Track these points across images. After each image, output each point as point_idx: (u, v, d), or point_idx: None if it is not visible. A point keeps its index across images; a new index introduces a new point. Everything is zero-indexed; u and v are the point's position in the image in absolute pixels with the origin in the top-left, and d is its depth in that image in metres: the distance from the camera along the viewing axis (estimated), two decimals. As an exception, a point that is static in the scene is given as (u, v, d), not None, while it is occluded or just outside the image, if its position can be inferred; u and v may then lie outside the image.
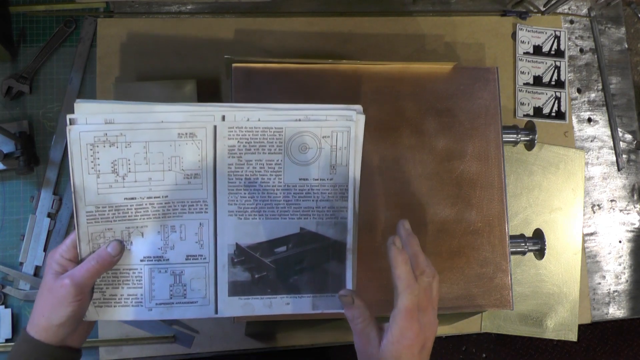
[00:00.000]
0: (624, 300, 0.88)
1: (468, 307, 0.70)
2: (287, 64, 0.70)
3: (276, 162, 0.58)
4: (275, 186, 0.59)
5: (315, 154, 0.58)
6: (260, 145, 0.57)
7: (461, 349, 1.50)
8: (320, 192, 0.59)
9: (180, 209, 0.57)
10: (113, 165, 0.55)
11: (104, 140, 0.54)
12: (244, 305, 0.60)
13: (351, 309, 0.55)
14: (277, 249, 0.60)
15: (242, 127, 0.56)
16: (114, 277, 0.57)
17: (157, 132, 0.55)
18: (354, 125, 0.58)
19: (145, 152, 0.55)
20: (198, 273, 0.59)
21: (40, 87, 0.80)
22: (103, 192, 0.55)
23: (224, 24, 0.84)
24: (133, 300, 0.58)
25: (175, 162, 0.56)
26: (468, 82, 0.73)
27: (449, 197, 0.71)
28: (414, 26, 0.87)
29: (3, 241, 0.77)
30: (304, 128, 0.57)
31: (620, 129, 0.92)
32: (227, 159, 0.57)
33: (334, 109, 0.58)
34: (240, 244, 0.59)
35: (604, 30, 0.95)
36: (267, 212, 0.59)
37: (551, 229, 0.85)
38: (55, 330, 0.54)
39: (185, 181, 0.57)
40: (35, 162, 0.78)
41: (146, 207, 0.57)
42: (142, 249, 0.57)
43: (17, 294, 0.75)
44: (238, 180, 0.58)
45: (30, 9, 0.82)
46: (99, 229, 0.56)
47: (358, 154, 0.59)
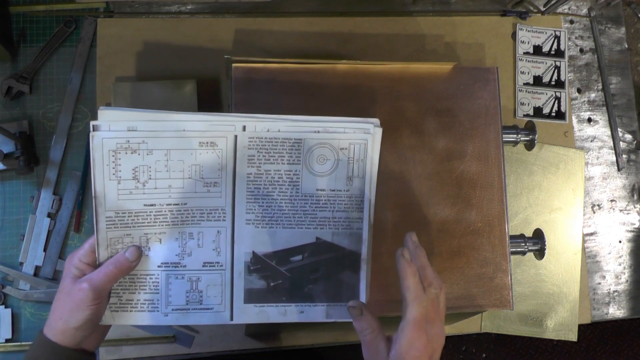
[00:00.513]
0: (624, 300, 0.88)
1: (468, 307, 0.70)
2: (287, 64, 0.70)
3: (294, 173, 0.59)
4: (293, 196, 0.59)
5: (332, 165, 0.59)
6: (280, 156, 0.58)
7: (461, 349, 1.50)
8: (337, 203, 0.60)
9: (198, 217, 0.58)
10: (134, 172, 0.56)
11: (126, 147, 0.55)
12: (259, 313, 0.60)
13: (360, 321, 0.56)
14: (293, 258, 0.60)
15: (262, 137, 0.57)
16: (131, 282, 0.58)
17: (178, 141, 0.56)
18: (371, 138, 0.59)
19: (167, 160, 0.56)
20: (214, 280, 0.59)
21: (40, 87, 0.80)
22: (123, 198, 0.56)
23: (224, 24, 0.84)
24: (149, 306, 0.59)
25: (196, 170, 0.57)
26: (468, 82, 0.73)
27: (449, 197, 0.71)
28: (414, 26, 0.87)
29: (3, 241, 0.77)
30: (323, 139, 0.59)
31: (620, 129, 0.92)
32: (247, 169, 0.58)
33: (352, 122, 0.59)
34: (257, 252, 0.60)
35: (604, 30, 0.95)
36: (284, 222, 0.60)
37: (551, 229, 0.85)
38: (72, 333, 0.54)
39: (205, 189, 0.58)
40: (35, 162, 0.78)
41: (165, 213, 0.57)
42: (160, 255, 0.58)
43: (17, 294, 0.75)
44: (256, 190, 0.59)
45: (30, 9, 0.82)
46: (118, 234, 0.57)
47: (374, 167, 0.60)
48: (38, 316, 0.75)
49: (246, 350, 0.78)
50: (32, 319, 0.75)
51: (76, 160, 0.79)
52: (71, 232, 0.78)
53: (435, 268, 0.70)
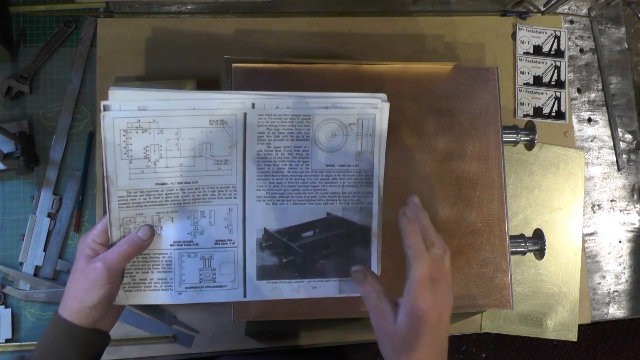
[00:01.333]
0: (624, 300, 0.88)
1: (468, 307, 0.70)
2: (287, 64, 0.71)
3: (304, 149, 0.59)
4: (303, 172, 0.60)
5: (341, 140, 0.60)
6: (289, 132, 0.59)
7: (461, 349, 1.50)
8: (347, 178, 0.61)
9: (210, 195, 0.58)
10: (145, 151, 0.56)
11: (137, 126, 0.55)
12: (273, 290, 0.61)
13: (364, 285, 0.56)
14: (304, 234, 0.61)
15: (271, 114, 0.58)
16: (144, 261, 0.58)
17: (188, 119, 0.56)
18: (379, 112, 0.59)
19: (177, 139, 0.56)
20: (227, 257, 0.60)
21: (40, 87, 0.80)
22: (135, 178, 0.56)
23: (224, 24, 0.84)
24: (163, 284, 0.59)
25: (206, 148, 0.57)
26: (468, 82, 0.73)
27: (449, 197, 0.71)
28: (414, 26, 0.87)
29: (3, 241, 0.77)
30: (332, 115, 0.59)
31: (620, 129, 0.92)
32: (257, 146, 0.58)
33: (360, 97, 0.59)
34: (268, 229, 0.60)
35: (604, 30, 0.95)
36: (295, 198, 0.60)
37: (551, 229, 0.85)
38: (87, 313, 0.55)
39: (216, 167, 0.58)
40: (35, 162, 0.78)
41: (177, 192, 0.58)
42: (172, 234, 0.58)
43: (17, 294, 0.75)
44: (267, 167, 0.59)
45: (30, 9, 0.82)
46: (130, 213, 0.57)
47: (383, 141, 0.60)
48: (38, 316, 0.75)
49: (246, 350, 0.78)
50: (32, 319, 0.75)
51: (76, 160, 0.79)
52: (71, 232, 0.78)
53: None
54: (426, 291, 0.52)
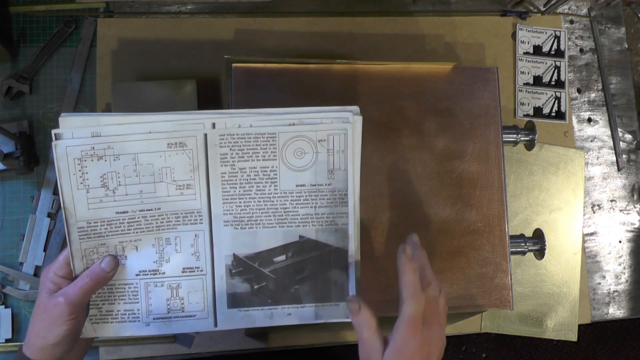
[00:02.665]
0: (624, 300, 0.88)
1: (468, 307, 0.70)
2: (287, 64, 0.70)
3: (271, 169, 0.56)
4: (272, 194, 0.57)
5: (311, 158, 0.57)
6: (254, 152, 0.56)
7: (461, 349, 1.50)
8: (319, 198, 0.58)
9: (174, 221, 0.56)
10: (102, 179, 0.54)
11: (91, 154, 0.53)
12: (244, 317, 0.58)
13: (358, 316, 0.53)
14: (276, 258, 0.58)
15: (233, 134, 0.55)
16: (109, 292, 0.56)
17: (145, 143, 0.54)
18: (351, 127, 0.56)
19: (135, 164, 0.54)
20: (195, 286, 0.57)
21: (40, 87, 0.80)
22: (94, 207, 0.54)
23: (224, 24, 0.84)
24: (130, 316, 0.57)
25: (167, 173, 0.55)
26: (468, 82, 0.73)
27: (449, 197, 0.71)
28: (414, 26, 0.87)
29: (3, 241, 0.77)
30: (299, 132, 0.56)
31: (620, 129, 0.92)
32: (220, 168, 0.56)
33: (329, 112, 0.56)
34: (238, 254, 0.57)
35: (604, 30, 0.95)
36: (264, 221, 0.57)
37: (551, 229, 0.85)
38: (51, 350, 0.53)
39: (178, 192, 0.55)
40: (35, 162, 0.78)
41: (139, 220, 0.55)
42: (137, 264, 0.56)
43: (17, 294, 0.75)
44: (232, 189, 0.56)
45: (30, 9, 0.82)
46: (92, 244, 0.55)
47: (357, 157, 0.57)
48: (38, 316, 0.75)
49: (246, 350, 0.78)
50: (32, 319, 0.75)
51: (76, 160, 0.79)
52: (71, 232, 0.78)
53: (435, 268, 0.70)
54: (416, 331, 0.50)
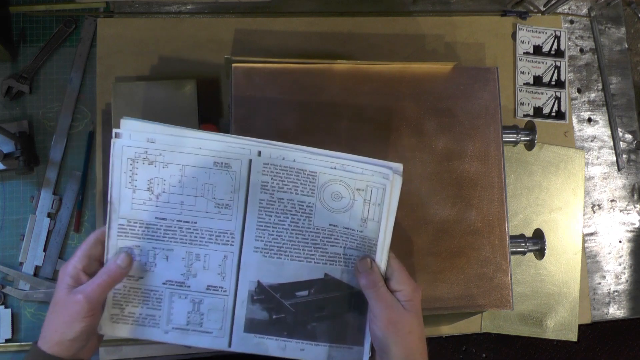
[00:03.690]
0: (624, 300, 0.88)
1: (468, 307, 0.70)
2: (287, 64, 0.71)
3: (307, 205, 0.58)
4: (305, 227, 0.58)
5: (347, 203, 0.58)
6: (294, 186, 0.57)
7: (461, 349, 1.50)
8: (349, 241, 0.59)
9: (207, 238, 0.58)
10: (149, 183, 0.56)
11: (144, 157, 0.56)
12: (258, 344, 0.59)
13: (372, 274, 0.56)
14: (299, 293, 0.59)
15: (277, 165, 0.57)
16: (134, 295, 0.58)
17: (194, 158, 0.56)
18: (390, 185, 0.57)
19: (181, 175, 0.57)
20: (217, 304, 0.59)
21: (40, 87, 0.80)
22: (137, 208, 0.57)
23: (224, 24, 0.84)
24: (150, 321, 0.59)
25: (208, 189, 0.57)
26: (468, 82, 0.73)
27: (449, 197, 0.71)
28: (414, 26, 0.87)
29: (3, 241, 0.77)
30: (338, 177, 0.57)
31: (620, 129, 0.92)
32: (260, 194, 0.57)
33: (371, 164, 0.57)
34: (262, 282, 0.59)
35: (604, 30, 0.95)
36: (293, 253, 0.58)
37: (551, 229, 0.85)
38: (69, 345, 0.54)
39: (216, 210, 0.57)
40: (35, 162, 0.78)
41: (174, 229, 0.57)
42: (165, 273, 0.58)
43: (17, 294, 0.75)
44: (268, 217, 0.58)
45: (30, 9, 0.82)
46: (128, 243, 0.57)
47: (391, 214, 0.58)
48: (38, 316, 0.75)
49: (246, 350, 0.78)
50: (32, 319, 0.75)
51: (76, 160, 0.79)
52: (71, 232, 0.78)
53: (435, 268, 0.70)
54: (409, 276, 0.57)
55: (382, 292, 0.56)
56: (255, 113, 0.69)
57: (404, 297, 0.56)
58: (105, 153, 0.78)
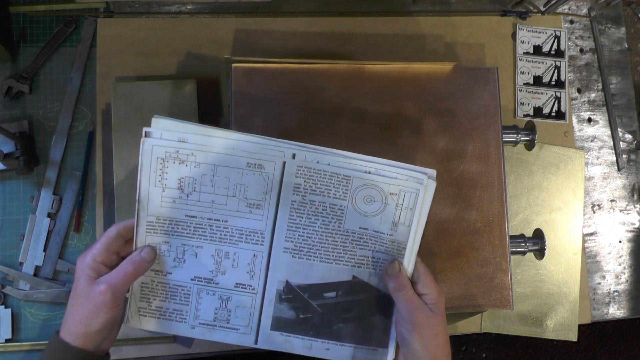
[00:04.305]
0: (624, 300, 0.88)
1: (468, 307, 0.70)
2: (287, 64, 0.71)
3: (339, 208, 0.58)
4: (335, 230, 0.58)
5: (379, 207, 0.58)
6: (326, 189, 0.58)
7: (461, 349, 1.50)
8: (378, 244, 0.59)
9: (237, 237, 0.58)
10: (179, 182, 0.56)
11: (174, 156, 0.56)
12: (284, 342, 0.60)
13: (400, 278, 0.57)
14: (327, 294, 0.60)
15: (310, 168, 0.57)
16: (162, 290, 0.59)
17: (226, 158, 0.56)
18: (424, 189, 0.58)
19: (213, 175, 0.57)
20: (244, 302, 0.59)
21: (40, 87, 0.80)
22: (166, 206, 0.57)
23: (224, 24, 0.84)
24: (177, 316, 0.59)
25: (240, 189, 0.57)
26: (468, 82, 0.73)
27: (449, 197, 0.71)
28: (414, 26, 0.87)
29: (3, 241, 0.77)
30: (372, 181, 0.58)
31: (620, 129, 0.92)
32: (292, 196, 0.58)
33: (405, 169, 0.58)
34: (291, 282, 0.59)
35: (604, 30, 0.95)
36: (322, 255, 0.59)
37: (551, 229, 0.85)
38: (94, 336, 0.54)
39: (247, 210, 0.58)
40: (35, 162, 0.78)
41: (204, 227, 0.58)
42: (194, 269, 0.58)
43: (17, 294, 0.75)
44: (299, 218, 0.58)
45: (30, 9, 0.82)
46: (157, 240, 0.57)
47: (423, 218, 0.58)
48: (38, 316, 0.75)
49: (246, 350, 0.78)
50: (32, 319, 0.75)
51: (76, 160, 0.79)
52: (71, 232, 0.78)
53: (435, 268, 0.70)
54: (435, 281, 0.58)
55: (410, 295, 0.57)
56: (255, 113, 0.69)
57: (430, 300, 0.57)
58: (105, 153, 0.78)
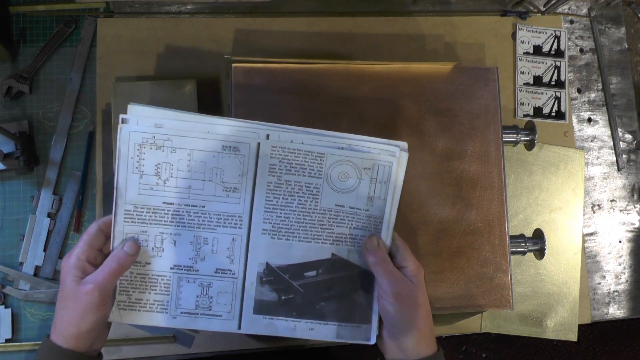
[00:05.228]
0: (624, 300, 0.88)
1: (468, 307, 0.70)
2: (287, 64, 0.71)
3: (314, 186, 0.58)
4: (312, 209, 0.59)
5: (354, 183, 0.59)
6: (301, 168, 0.58)
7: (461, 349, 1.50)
8: (355, 220, 0.59)
9: (215, 222, 0.58)
10: (157, 168, 0.56)
11: (151, 142, 0.56)
12: (268, 325, 0.60)
13: (379, 252, 0.58)
14: (307, 273, 0.60)
15: (285, 147, 0.57)
16: (142, 281, 0.58)
17: (202, 142, 0.56)
18: (396, 161, 0.59)
19: (189, 160, 0.57)
20: (226, 287, 0.59)
21: (40, 87, 0.80)
22: (143, 193, 0.57)
23: (224, 24, 0.84)
24: (159, 307, 0.59)
25: (216, 173, 0.57)
26: (468, 82, 0.73)
27: (449, 197, 0.71)
28: (414, 26, 0.87)
29: (3, 241, 0.77)
30: (346, 157, 0.58)
31: (620, 129, 0.92)
32: (267, 177, 0.58)
33: (377, 142, 0.58)
34: (271, 263, 0.59)
35: (604, 30, 0.95)
36: (301, 235, 0.59)
37: (551, 229, 0.85)
38: (85, 337, 0.54)
39: (224, 194, 0.58)
40: (35, 162, 0.78)
41: (182, 214, 0.58)
42: (173, 257, 0.58)
43: (17, 294, 0.75)
44: (275, 199, 0.58)
45: (30, 9, 0.82)
46: (135, 229, 0.57)
47: (397, 190, 0.59)
48: (38, 316, 0.75)
49: (246, 350, 0.78)
50: (32, 319, 0.75)
51: (76, 160, 0.79)
52: (71, 232, 0.78)
53: (435, 268, 0.70)
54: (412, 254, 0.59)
55: (390, 268, 0.57)
56: (256, 113, 0.69)
57: (409, 272, 0.57)
58: (105, 153, 0.78)
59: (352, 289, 0.60)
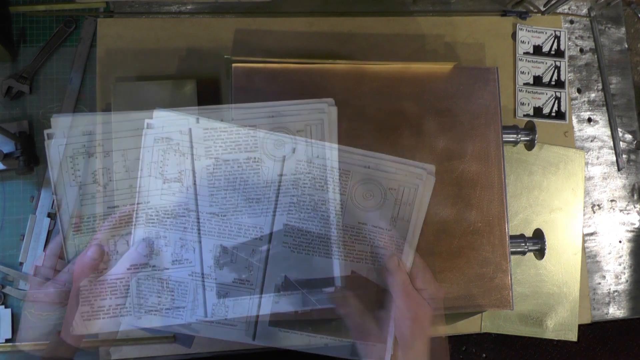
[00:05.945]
0: (624, 300, 0.88)
1: (468, 307, 0.70)
2: (287, 64, 0.71)
3: (254, 160, 0.58)
4: (334, 225, 0.59)
5: (379, 202, 0.59)
6: (236, 145, 0.58)
7: (461, 349, 1.50)
8: (377, 239, 0.59)
9: (162, 215, 0.57)
10: (94, 176, 0.56)
11: (82, 151, 0.56)
12: (283, 338, 0.60)
13: (400, 273, 0.58)
14: (325, 289, 0.60)
15: (216, 127, 0.57)
16: (101, 287, 0.57)
17: (133, 140, 0.56)
18: (422, 185, 0.59)
19: (124, 160, 0.56)
20: (184, 278, 0.58)
21: (40, 87, 0.80)
22: (86, 203, 0.56)
23: (224, 24, 0.84)
24: (121, 310, 0.58)
25: (155, 167, 0.57)
26: (468, 82, 0.73)
27: (449, 197, 0.71)
28: (414, 26, 0.87)
29: (3, 241, 0.77)
30: (372, 176, 0.58)
31: (620, 129, 0.92)
32: (205, 160, 0.57)
33: (404, 164, 0.59)
34: (224, 245, 0.59)
35: (604, 30, 0.95)
36: (322, 250, 0.59)
37: (551, 229, 0.85)
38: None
39: (166, 186, 0.57)
40: (35, 162, 0.78)
41: (129, 214, 0.57)
42: (128, 258, 0.57)
43: (17, 294, 0.75)
44: (217, 181, 0.58)
45: (30, 9, 0.82)
46: (85, 240, 0.57)
47: (422, 213, 0.60)
48: (38, 316, 0.75)
49: (246, 350, 0.78)
50: (32, 319, 0.75)
51: (76, 160, 0.79)
52: (71, 232, 0.78)
53: (435, 268, 0.70)
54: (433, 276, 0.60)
55: (409, 290, 0.57)
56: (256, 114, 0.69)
57: (428, 295, 0.58)
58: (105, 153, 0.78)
59: (369, 308, 0.60)
